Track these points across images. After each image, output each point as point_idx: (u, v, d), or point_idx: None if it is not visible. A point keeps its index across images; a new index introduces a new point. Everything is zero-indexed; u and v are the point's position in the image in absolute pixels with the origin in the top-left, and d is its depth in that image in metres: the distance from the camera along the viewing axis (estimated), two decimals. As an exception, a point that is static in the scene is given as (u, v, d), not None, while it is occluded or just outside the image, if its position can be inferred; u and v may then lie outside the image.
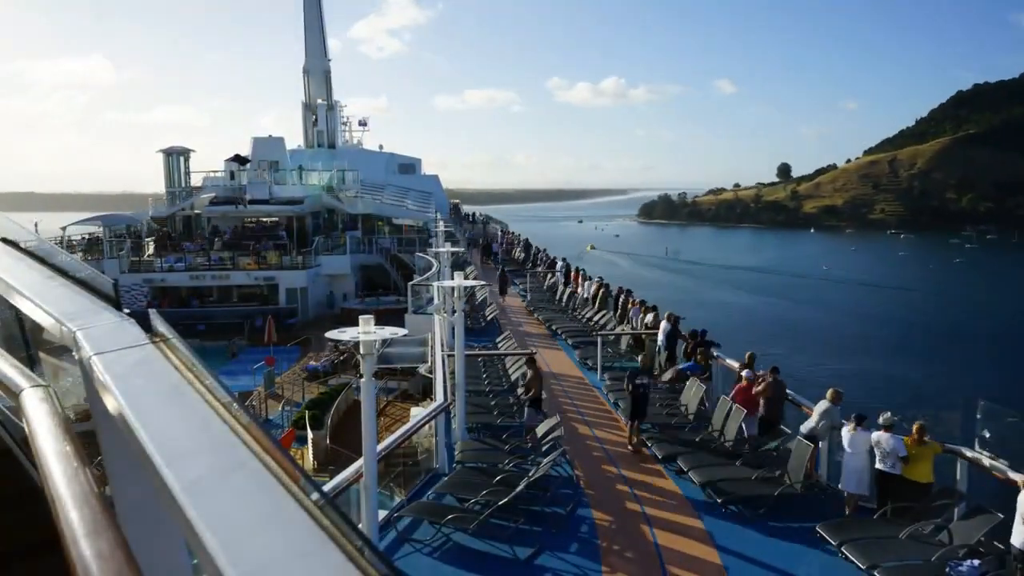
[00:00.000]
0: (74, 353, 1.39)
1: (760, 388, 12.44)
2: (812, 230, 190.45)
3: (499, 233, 54.47)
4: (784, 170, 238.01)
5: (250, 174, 44.77)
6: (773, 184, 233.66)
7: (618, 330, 21.56)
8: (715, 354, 15.66)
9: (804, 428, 11.22)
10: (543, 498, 10.23)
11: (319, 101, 55.26)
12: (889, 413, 9.95)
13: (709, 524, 9.85)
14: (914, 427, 9.65)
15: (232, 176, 44.43)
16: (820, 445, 10.99)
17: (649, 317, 20.01)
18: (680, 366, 16.13)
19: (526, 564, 8.78)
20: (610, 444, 13.21)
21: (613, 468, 11.94)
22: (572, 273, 30.66)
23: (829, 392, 11.21)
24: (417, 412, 14.70)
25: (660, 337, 17.97)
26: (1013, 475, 8.69)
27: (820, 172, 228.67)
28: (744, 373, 13.08)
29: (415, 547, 9.16)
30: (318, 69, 53.84)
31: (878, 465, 9.76)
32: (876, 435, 9.75)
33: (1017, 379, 40.03)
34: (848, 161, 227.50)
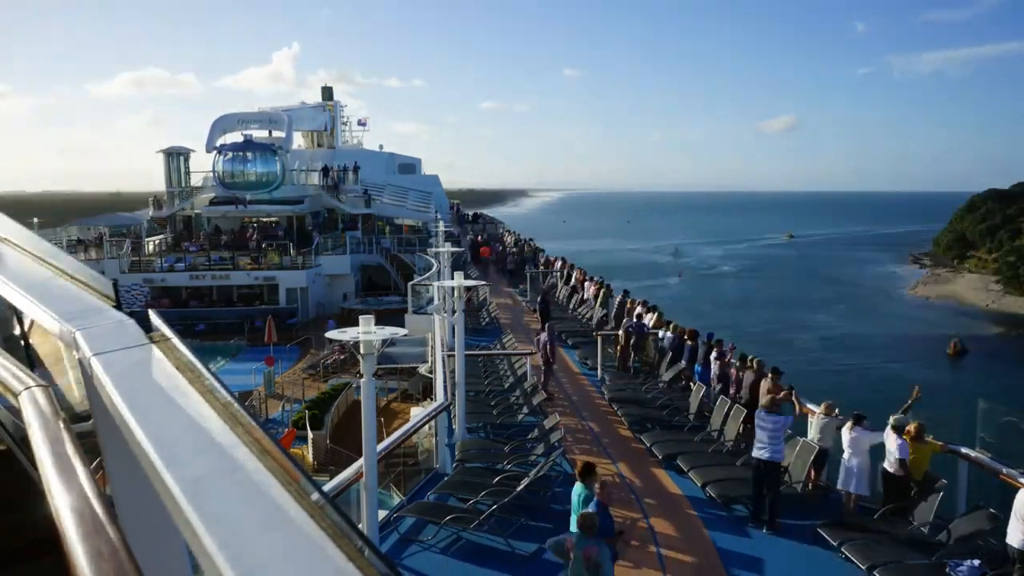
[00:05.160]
0: (74, 353, 1.39)
1: (770, 387, 12.42)
2: None
3: (505, 234, 53.50)
4: None
5: (250, 174, 44.72)
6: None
7: (619, 330, 21.53)
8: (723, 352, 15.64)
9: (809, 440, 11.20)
10: (543, 498, 10.23)
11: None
12: (901, 415, 9.95)
13: (709, 524, 9.85)
14: (912, 426, 9.65)
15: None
16: (827, 451, 10.94)
17: (652, 317, 19.98)
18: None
19: (527, 564, 8.78)
20: (611, 444, 13.21)
21: (613, 468, 11.94)
22: (576, 273, 30.58)
23: (822, 406, 11.18)
24: (417, 412, 14.71)
25: (664, 344, 17.91)
26: (1013, 474, 8.69)
27: None
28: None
29: (415, 547, 9.16)
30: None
31: (884, 464, 9.77)
32: (884, 434, 9.77)
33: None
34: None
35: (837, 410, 11.01)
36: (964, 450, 9.62)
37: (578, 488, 7.91)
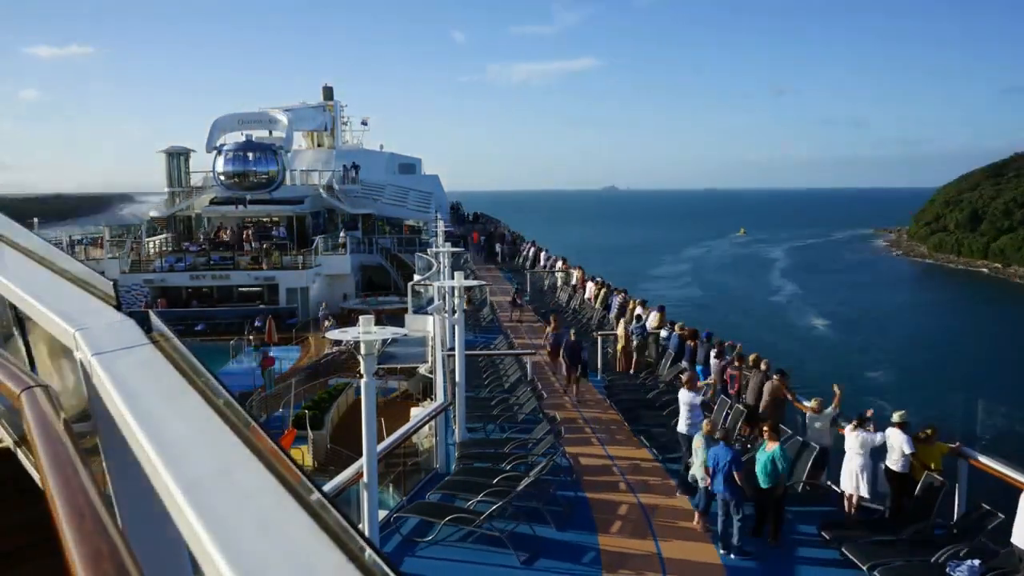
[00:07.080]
0: (74, 353, 1.39)
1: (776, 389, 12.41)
2: None
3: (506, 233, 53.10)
4: None
5: (250, 174, 44.63)
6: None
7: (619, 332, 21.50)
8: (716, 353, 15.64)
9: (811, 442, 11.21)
10: (543, 498, 10.23)
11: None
12: (904, 411, 9.98)
13: (708, 522, 9.84)
14: (928, 430, 9.67)
15: (233, 175, 44.33)
16: (827, 450, 10.94)
17: (654, 316, 19.97)
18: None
19: (526, 563, 8.78)
20: (610, 444, 13.21)
21: (613, 467, 11.93)
22: (577, 273, 30.56)
23: (812, 402, 11.18)
24: (417, 412, 14.71)
25: (669, 344, 17.89)
26: (1013, 474, 8.69)
27: None
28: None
29: (415, 547, 9.16)
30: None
31: (887, 463, 9.76)
32: (888, 431, 9.77)
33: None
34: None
35: (837, 407, 11.01)
36: (970, 451, 9.57)
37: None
